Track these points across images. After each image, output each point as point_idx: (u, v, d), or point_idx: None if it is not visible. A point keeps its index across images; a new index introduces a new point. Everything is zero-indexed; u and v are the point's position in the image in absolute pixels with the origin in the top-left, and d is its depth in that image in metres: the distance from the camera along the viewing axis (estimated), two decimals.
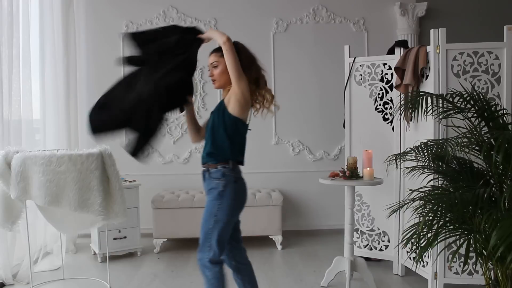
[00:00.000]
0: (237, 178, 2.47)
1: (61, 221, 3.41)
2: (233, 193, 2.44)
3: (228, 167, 2.44)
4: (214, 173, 2.45)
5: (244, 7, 5.21)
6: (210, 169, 2.47)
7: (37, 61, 4.28)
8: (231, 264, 2.62)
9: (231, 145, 2.44)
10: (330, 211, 5.19)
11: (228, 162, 2.44)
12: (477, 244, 2.22)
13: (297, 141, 5.29)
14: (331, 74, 5.11)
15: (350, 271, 3.37)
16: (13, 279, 3.65)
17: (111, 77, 5.75)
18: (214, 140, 2.46)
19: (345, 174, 3.33)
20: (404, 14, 5.18)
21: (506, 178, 2.39)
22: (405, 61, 3.53)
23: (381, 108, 3.87)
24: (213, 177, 2.46)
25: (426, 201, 2.37)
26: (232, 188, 2.44)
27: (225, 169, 2.44)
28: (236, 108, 2.41)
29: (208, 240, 2.42)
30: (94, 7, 5.11)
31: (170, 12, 5.19)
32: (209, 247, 2.42)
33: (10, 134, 3.73)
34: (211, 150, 2.47)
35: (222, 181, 2.43)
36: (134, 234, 4.40)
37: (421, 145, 2.70)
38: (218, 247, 2.42)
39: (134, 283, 3.71)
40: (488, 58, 3.25)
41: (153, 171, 5.14)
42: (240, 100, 2.40)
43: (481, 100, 2.57)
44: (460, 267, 3.22)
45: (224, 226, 2.43)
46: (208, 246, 2.42)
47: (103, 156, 3.16)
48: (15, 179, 3.06)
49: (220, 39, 2.37)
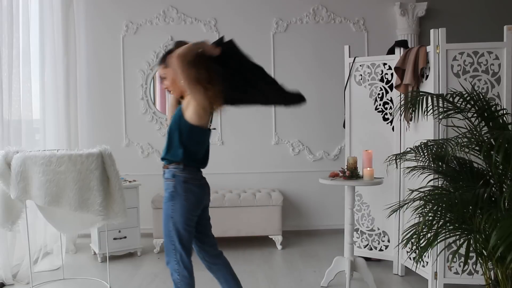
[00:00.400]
0: (187, 178, 2.41)
1: (61, 221, 3.41)
2: (183, 193, 2.39)
3: (179, 167, 2.40)
4: (166, 173, 2.44)
5: (244, 7, 5.21)
6: (164, 170, 2.46)
7: (37, 61, 4.28)
8: (204, 263, 2.62)
9: (184, 152, 2.39)
10: (330, 211, 5.19)
11: (180, 163, 2.41)
12: (477, 244, 2.22)
13: (297, 141, 5.29)
14: (331, 74, 5.11)
15: (350, 271, 3.37)
16: (13, 279, 3.65)
17: (111, 77, 5.78)
18: (169, 144, 2.43)
19: (345, 174, 3.33)
20: (404, 14, 5.18)
21: (506, 178, 2.39)
22: (405, 61, 3.53)
23: (381, 108, 3.87)
24: (165, 178, 2.44)
25: (426, 201, 2.37)
26: (181, 189, 2.39)
27: (175, 169, 2.41)
28: (193, 117, 2.36)
29: (171, 243, 2.40)
30: (94, 7, 5.11)
31: (170, 12, 5.19)
32: (174, 250, 2.40)
33: (10, 134, 3.73)
34: (165, 155, 2.45)
35: (172, 182, 2.41)
36: (134, 234, 4.40)
37: (421, 145, 2.70)
38: (183, 248, 2.39)
39: (134, 283, 3.71)
40: (488, 58, 3.25)
41: (153, 171, 5.13)
42: (198, 110, 2.35)
43: (481, 100, 2.57)
44: (460, 267, 3.22)
45: (183, 227, 2.39)
46: (173, 249, 2.40)
47: (103, 156, 3.16)
48: (15, 179, 3.07)
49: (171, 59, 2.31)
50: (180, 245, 2.39)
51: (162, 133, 5.20)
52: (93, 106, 5.12)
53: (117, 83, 5.12)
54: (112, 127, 5.17)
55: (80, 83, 4.98)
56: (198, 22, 5.19)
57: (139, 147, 5.21)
